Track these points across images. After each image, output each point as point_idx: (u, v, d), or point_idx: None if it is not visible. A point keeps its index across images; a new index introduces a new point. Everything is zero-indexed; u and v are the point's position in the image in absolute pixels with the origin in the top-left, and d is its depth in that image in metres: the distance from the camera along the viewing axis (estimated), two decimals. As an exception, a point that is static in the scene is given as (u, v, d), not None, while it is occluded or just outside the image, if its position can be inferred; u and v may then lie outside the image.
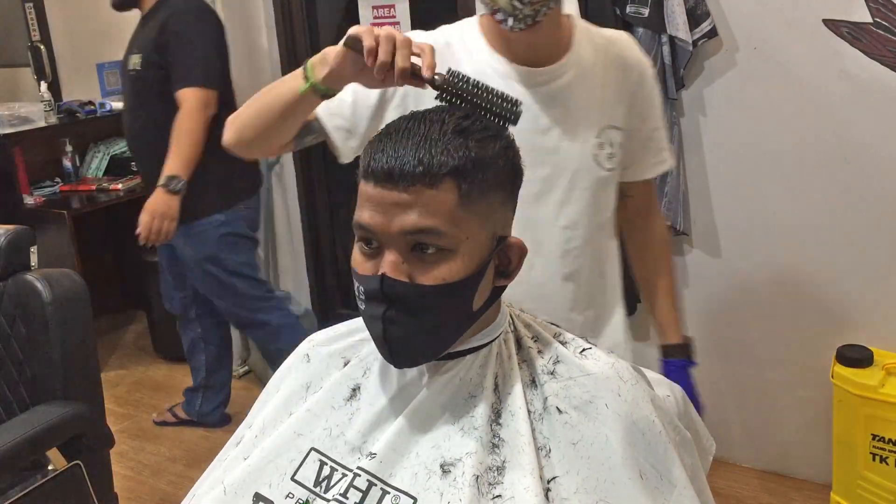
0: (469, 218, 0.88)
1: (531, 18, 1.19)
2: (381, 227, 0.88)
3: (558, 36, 1.30)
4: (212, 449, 2.33)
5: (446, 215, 0.87)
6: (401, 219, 0.86)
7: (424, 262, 0.88)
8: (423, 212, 0.86)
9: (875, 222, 2.20)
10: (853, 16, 2.08)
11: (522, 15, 1.18)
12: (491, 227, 0.92)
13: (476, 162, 0.88)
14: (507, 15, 1.18)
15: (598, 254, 1.41)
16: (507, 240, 0.95)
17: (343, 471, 0.96)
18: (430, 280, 0.88)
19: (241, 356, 3.54)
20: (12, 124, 3.76)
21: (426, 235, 0.87)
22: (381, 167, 0.87)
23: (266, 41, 3.25)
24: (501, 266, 0.96)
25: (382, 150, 0.87)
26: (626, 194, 1.48)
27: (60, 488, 1.70)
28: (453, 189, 0.87)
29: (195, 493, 1.07)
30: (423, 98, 1.18)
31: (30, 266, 1.91)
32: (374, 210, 0.88)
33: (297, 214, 3.47)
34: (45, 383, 1.83)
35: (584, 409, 0.94)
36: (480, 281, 0.92)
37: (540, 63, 1.29)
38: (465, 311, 0.92)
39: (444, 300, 0.89)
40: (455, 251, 0.88)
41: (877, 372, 2.13)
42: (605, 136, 1.34)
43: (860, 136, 2.17)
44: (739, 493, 2.47)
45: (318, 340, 1.12)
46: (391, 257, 0.88)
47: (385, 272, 0.88)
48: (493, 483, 0.89)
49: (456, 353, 0.97)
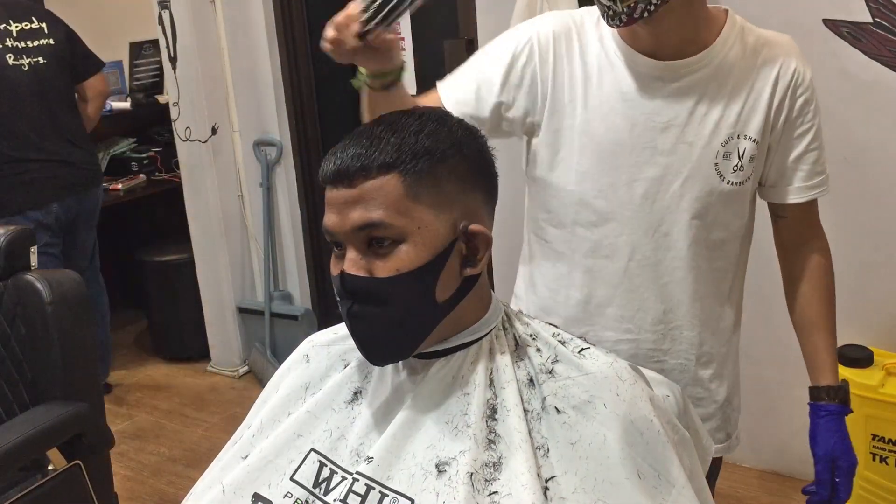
0: (418, 207, 0.91)
1: (626, 16, 1.11)
2: (338, 226, 0.92)
3: (691, 30, 1.19)
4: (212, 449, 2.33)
5: (392, 206, 0.90)
6: (350, 216, 0.90)
7: (380, 256, 0.91)
8: (369, 205, 0.90)
9: (875, 222, 2.20)
10: (853, 16, 2.08)
11: (614, 13, 1.12)
12: (449, 216, 0.93)
13: (420, 153, 0.91)
14: (603, 12, 1.14)
15: (704, 279, 1.27)
16: (470, 228, 0.95)
17: (343, 474, 0.96)
18: (385, 272, 0.91)
19: (242, 356, 3.55)
20: (12, 124, 3.76)
21: (375, 229, 0.90)
22: (329, 168, 0.92)
23: (266, 41, 3.25)
24: (469, 255, 0.96)
25: (333, 154, 0.92)
26: (779, 215, 1.36)
27: (60, 488, 1.70)
28: (397, 180, 0.90)
29: (194, 493, 1.07)
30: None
31: (30, 266, 1.91)
32: (331, 211, 0.92)
33: (298, 214, 3.47)
34: (45, 383, 1.83)
35: (582, 409, 0.94)
36: (441, 270, 0.93)
37: (668, 57, 1.19)
38: (429, 302, 0.93)
39: (402, 290, 0.91)
40: (406, 241, 0.91)
41: (877, 372, 2.13)
42: (733, 144, 1.21)
43: (860, 136, 2.17)
44: (739, 493, 2.47)
45: (318, 341, 1.12)
46: (350, 255, 0.92)
47: (344, 269, 0.92)
48: (490, 479, 0.90)
49: (445, 350, 0.98)
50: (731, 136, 1.21)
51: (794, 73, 1.24)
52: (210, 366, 3.60)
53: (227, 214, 3.40)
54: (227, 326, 3.49)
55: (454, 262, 0.94)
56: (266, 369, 3.35)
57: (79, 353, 1.84)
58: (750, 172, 1.24)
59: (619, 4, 1.11)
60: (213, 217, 3.36)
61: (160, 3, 3.19)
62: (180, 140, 3.34)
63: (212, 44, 3.24)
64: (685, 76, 1.20)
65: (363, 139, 0.92)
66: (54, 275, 1.86)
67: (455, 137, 0.95)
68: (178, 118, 3.32)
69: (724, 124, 1.21)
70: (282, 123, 3.36)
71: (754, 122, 1.22)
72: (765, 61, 1.23)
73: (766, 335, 2.43)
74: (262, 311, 3.43)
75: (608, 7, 1.12)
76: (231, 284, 3.46)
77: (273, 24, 3.25)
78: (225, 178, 3.38)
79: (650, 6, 1.10)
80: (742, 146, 1.22)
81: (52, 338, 1.80)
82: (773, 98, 1.23)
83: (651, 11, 1.11)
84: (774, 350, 2.43)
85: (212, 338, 3.56)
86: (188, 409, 3.28)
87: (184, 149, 3.34)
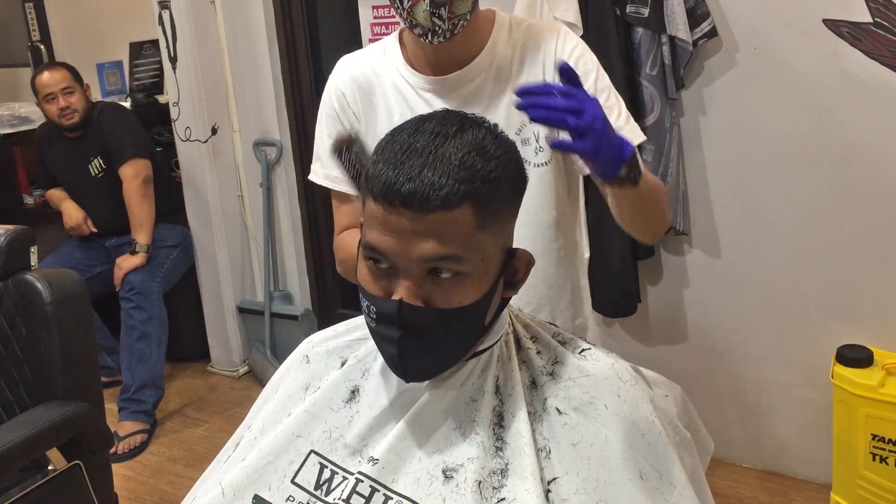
0: (485, 238, 0.87)
1: (450, 32, 1.20)
2: (398, 253, 0.85)
3: (471, 41, 1.28)
4: (212, 449, 2.32)
5: (465, 240, 0.85)
6: (419, 246, 0.84)
7: (440, 286, 0.86)
8: (442, 239, 0.84)
9: (875, 222, 2.20)
10: (853, 16, 2.08)
11: (441, 30, 1.19)
12: (502, 242, 0.91)
13: (492, 182, 0.86)
14: (427, 30, 1.20)
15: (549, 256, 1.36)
16: (517, 252, 0.94)
17: (344, 474, 0.96)
18: (447, 304, 0.87)
19: (242, 356, 3.55)
20: (12, 124, 3.77)
21: (446, 262, 0.85)
22: (396, 192, 0.83)
23: (266, 41, 3.25)
24: (508, 277, 0.95)
25: (397, 173, 0.83)
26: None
27: (60, 488, 1.70)
28: (469, 212, 0.84)
29: (195, 494, 1.07)
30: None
31: (30, 266, 1.91)
32: (390, 235, 0.85)
33: (298, 214, 3.47)
34: (45, 383, 1.82)
35: (583, 410, 0.94)
36: (493, 297, 0.91)
37: (450, 70, 1.29)
38: (479, 327, 0.93)
39: (461, 322, 0.89)
40: (471, 274, 0.87)
41: (877, 372, 2.12)
42: (527, 131, 1.29)
43: (860, 136, 2.17)
44: (739, 493, 2.47)
45: (317, 341, 1.12)
46: (407, 282, 0.86)
47: (402, 297, 0.86)
48: (497, 487, 0.89)
49: None
50: (522, 123, 1.29)
51: (555, 49, 1.29)
52: (210, 366, 3.60)
53: (227, 214, 3.40)
54: (227, 326, 3.49)
55: (500, 285, 0.93)
56: (266, 369, 3.35)
57: (79, 353, 1.84)
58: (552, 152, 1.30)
59: (447, 22, 1.18)
60: (213, 217, 3.36)
61: (160, 3, 3.19)
62: (180, 140, 3.34)
63: (212, 44, 3.24)
64: (467, 82, 1.29)
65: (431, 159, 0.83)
66: (54, 275, 1.86)
67: (511, 156, 0.90)
68: (178, 118, 3.32)
69: (513, 115, 1.27)
70: (282, 123, 3.36)
71: None
72: (532, 48, 1.30)
73: (766, 335, 2.44)
74: (261, 311, 3.43)
75: (437, 26, 1.18)
76: (231, 284, 3.45)
77: (273, 24, 3.25)
78: (225, 178, 3.38)
79: (464, 21, 1.20)
80: (535, 129, 1.29)
81: (52, 338, 1.80)
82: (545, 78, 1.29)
83: (464, 26, 1.21)
84: (774, 350, 2.44)
85: (212, 338, 3.56)
86: (188, 409, 3.28)
87: (184, 149, 3.34)
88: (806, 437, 2.46)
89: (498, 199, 0.87)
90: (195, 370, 3.61)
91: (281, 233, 3.50)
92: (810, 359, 2.36)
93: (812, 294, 2.33)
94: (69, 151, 3.24)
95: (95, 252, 3.33)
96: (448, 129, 0.87)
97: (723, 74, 2.31)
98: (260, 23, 3.24)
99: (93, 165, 3.22)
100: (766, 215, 2.35)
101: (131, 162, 3.14)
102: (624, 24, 2.29)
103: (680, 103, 2.38)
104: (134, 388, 3.06)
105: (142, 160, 3.17)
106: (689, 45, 2.23)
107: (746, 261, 2.41)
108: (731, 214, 2.40)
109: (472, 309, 0.88)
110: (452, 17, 1.18)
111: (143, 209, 3.15)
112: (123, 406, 3.06)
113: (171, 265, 3.29)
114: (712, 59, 2.31)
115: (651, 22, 2.24)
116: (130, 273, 3.10)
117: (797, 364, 2.41)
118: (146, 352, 3.09)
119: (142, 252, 3.13)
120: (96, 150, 3.20)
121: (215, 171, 3.33)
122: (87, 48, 4.14)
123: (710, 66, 2.32)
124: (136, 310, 3.08)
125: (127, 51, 3.71)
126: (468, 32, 1.25)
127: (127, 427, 3.01)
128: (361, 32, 3.00)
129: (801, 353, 2.39)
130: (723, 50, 2.29)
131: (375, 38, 2.98)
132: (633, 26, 2.29)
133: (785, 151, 2.27)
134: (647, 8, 2.24)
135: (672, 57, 2.27)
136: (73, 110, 3.11)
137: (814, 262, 2.31)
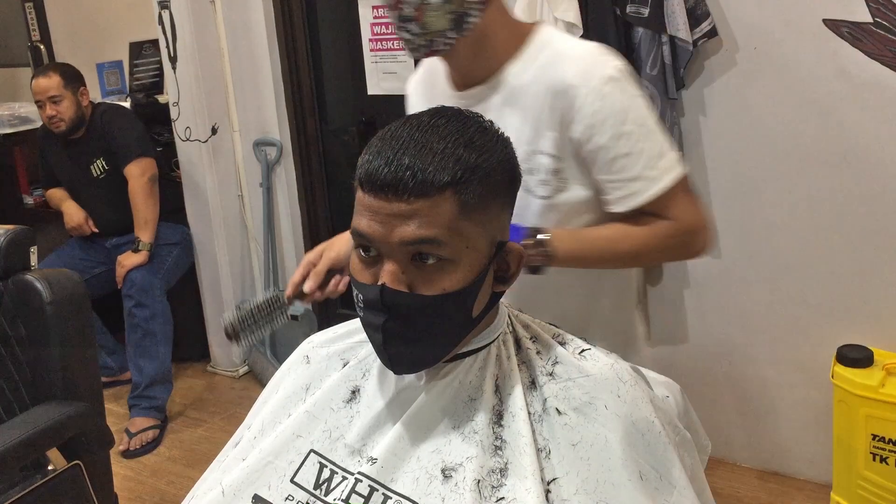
0: (469, 227, 0.88)
1: (426, 48, 1.21)
2: (381, 237, 0.87)
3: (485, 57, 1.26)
4: (212, 449, 2.33)
5: (446, 225, 0.86)
6: (401, 229, 0.86)
7: (424, 272, 0.88)
8: (424, 222, 0.85)
9: (875, 222, 2.20)
10: (853, 16, 2.08)
11: (415, 45, 1.21)
12: (490, 233, 0.92)
13: (476, 171, 0.87)
14: (405, 45, 1.23)
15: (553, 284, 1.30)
16: (507, 245, 0.95)
17: (343, 474, 0.96)
18: (430, 290, 0.88)
19: (242, 356, 3.55)
20: (12, 124, 3.77)
21: (427, 246, 0.86)
22: (379, 178, 0.85)
23: (266, 41, 3.25)
24: (500, 272, 0.95)
25: (380, 160, 0.86)
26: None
27: (60, 488, 1.70)
28: (453, 199, 0.86)
29: (194, 494, 1.07)
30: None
31: (30, 266, 1.91)
32: (373, 219, 0.87)
33: (297, 214, 3.47)
34: (45, 383, 1.82)
35: (583, 411, 0.93)
36: (480, 288, 0.91)
37: (470, 85, 1.29)
38: (466, 319, 0.92)
39: (445, 309, 0.89)
40: (455, 261, 0.88)
41: (877, 372, 2.13)
42: (534, 161, 1.25)
43: (860, 136, 2.17)
44: (739, 493, 2.47)
45: (318, 342, 1.12)
46: (391, 267, 0.88)
47: (385, 282, 0.87)
48: (497, 486, 0.89)
49: (454, 355, 0.97)
50: (528, 153, 1.24)
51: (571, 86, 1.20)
52: (210, 366, 3.60)
53: (227, 214, 3.40)
54: (228, 326, 3.49)
55: (489, 278, 0.93)
56: (266, 369, 3.35)
57: (79, 353, 1.84)
58: (558, 184, 1.26)
59: (420, 38, 1.19)
60: (213, 217, 3.36)
61: (160, 3, 3.19)
62: (180, 140, 3.34)
63: (212, 44, 3.24)
64: (481, 101, 1.27)
65: (413, 147, 0.86)
66: (54, 275, 1.86)
67: (499, 149, 0.92)
68: (178, 118, 3.32)
69: (520, 143, 1.19)
70: (282, 123, 3.36)
71: (546, 138, 1.24)
72: (550, 78, 1.22)
73: (766, 335, 2.44)
74: (262, 311, 3.42)
75: (410, 40, 1.20)
76: (231, 284, 3.45)
77: (273, 24, 3.24)
78: (225, 178, 3.38)
79: (445, 38, 1.19)
80: (541, 161, 1.25)
81: (51, 338, 1.80)
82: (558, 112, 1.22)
83: (451, 45, 1.20)
84: (775, 350, 2.44)
85: (212, 338, 3.56)
86: (188, 409, 3.28)
87: (184, 149, 3.34)
88: (806, 437, 2.46)
89: (483, 189, 0.88)
90: (195, 370, 3.61)
91: (281, 233, 3.50)
92: (810, 359, 2.36)
93: (812, 294, 2.33)
94: (71, 152, 3.24)
95: (96, 252, 3.32)
96: (437, 121, 0.90)
97: (723, 74, 2.31)
98: (260, 23, 3.23)
99: (95, 166, 3.22)
100: (767, 215, 2.35)
101: (138, 160, 3.14)
102: (624, 24, 2.29)
103: (680, 103, 2.38)
104: (143, 385, 3.06)
105: (148, 159, 3.17)
106: (690, 44, 2.23)
107: (746, 261, 2.41)
108: (732, 214, 2.40)
109: (456, 297, 0.88)
110: (426, 32, 1.19)
111: (149, 207, 3.15)
112: (134, 403, 3.07)
113: (172, 263, 3.29)
114: (712, 59, 2.31)
115: (651, 22, 2.25)
116: (132, 271, 3.10)
117: (797, 364, 2.41)
118: (152, 348, 3.09)
119: (144, 250, 3.12)
120: (99, 150, 3.20)
121: (215, 171, 3.33)
122: (87, 48, 4.14)
123: (710, 66, 2.32)
124: (139, 307, 3.08)
125: (127, 51, 3.70)
126: (477, 49, 1.24)
127: (138, 423, 3.02)
128: (361, 32, 3.00)
129: (801, 353, 2.40)
130: (723, 50, 2.29)
131: (375, 38, 2.98)
132: (633, 26, 2.29)
133: (785, 151, 2.27)
134: (647, 8, 2.24)
135: (672, 57, 2.27)
136: (60, 119, 3.10)
137: (814, 262, 2.31)
